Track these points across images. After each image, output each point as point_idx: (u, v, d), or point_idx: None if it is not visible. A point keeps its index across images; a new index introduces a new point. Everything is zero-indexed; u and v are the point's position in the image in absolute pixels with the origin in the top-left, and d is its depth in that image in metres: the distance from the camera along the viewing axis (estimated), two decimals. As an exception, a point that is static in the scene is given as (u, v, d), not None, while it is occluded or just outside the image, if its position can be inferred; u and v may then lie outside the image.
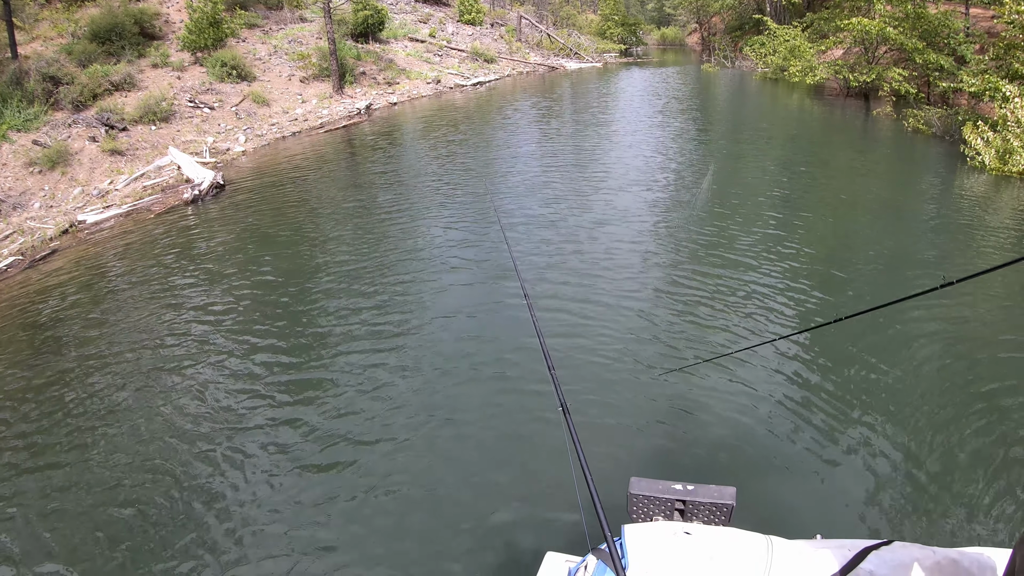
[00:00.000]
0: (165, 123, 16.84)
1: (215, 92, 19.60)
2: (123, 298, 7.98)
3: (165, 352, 6.61)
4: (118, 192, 12.93)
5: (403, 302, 7.50)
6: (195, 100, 18.63)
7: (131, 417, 5.58)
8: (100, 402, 5.83)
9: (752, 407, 5.57)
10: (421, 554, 4.12)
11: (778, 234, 9.35)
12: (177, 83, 19.26)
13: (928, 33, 19.77)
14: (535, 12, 47.14)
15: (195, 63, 20.91)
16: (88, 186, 13.06)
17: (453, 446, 5.11)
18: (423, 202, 11.25)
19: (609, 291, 7.67)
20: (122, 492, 4.71)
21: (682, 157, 14.82)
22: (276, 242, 9.54)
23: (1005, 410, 5.44)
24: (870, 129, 18.73)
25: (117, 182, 13.35)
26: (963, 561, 1.86)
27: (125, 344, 6.80)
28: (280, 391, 5.83)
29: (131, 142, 15.33)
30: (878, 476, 4.78)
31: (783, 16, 38.89)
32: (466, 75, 30.74)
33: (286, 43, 24.82)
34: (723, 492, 2.17)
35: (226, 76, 20.47)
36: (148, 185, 13.31)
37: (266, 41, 24.61)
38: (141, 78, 18.81)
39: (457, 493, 4.63)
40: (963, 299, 7.24)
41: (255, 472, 4.82)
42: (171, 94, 18.25)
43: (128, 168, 14.16)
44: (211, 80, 20.07)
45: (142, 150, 15.19)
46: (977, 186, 11.87)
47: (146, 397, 5.86)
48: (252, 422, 5.41)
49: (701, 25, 62.05)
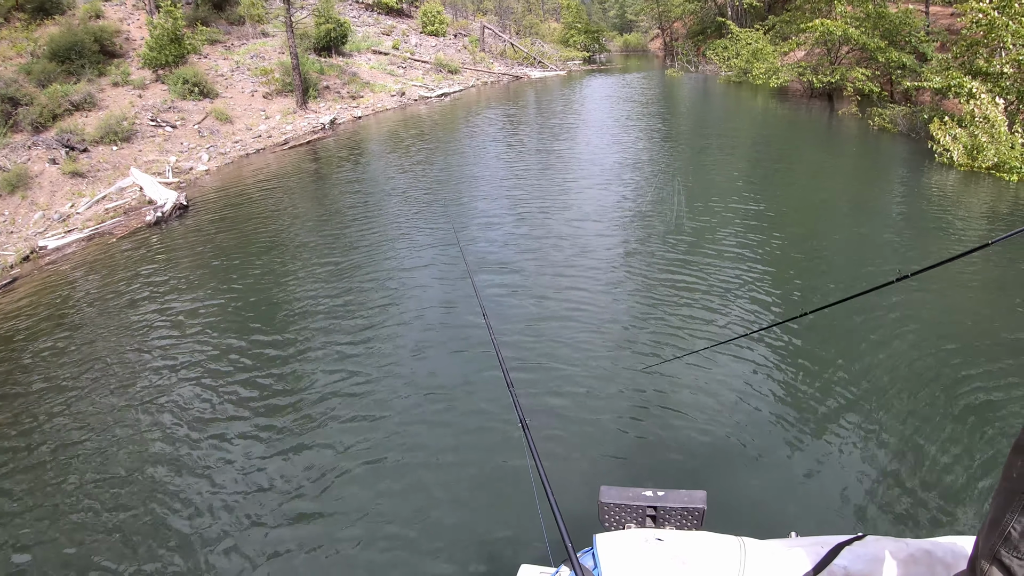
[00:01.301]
0: (127, 143, 16.77)
1: (177, 110, 19.54)
2: (88, 327, 8.00)
3: (133, 380, 6.67)
4: (80, 216, 12.88)
5: (366, 319, 7.62)
6: (157, 119, 18.56)
7: (99, 447, 5.62)
8: (67, 433, 5.87)
9: (719, 408, 5.64)
10: (397, 572, 4.19)
11: (743, 236, 9.61)
12: (138, 101, 19.18)
13: (889, 32, 20.25)
14: (498, 22, 47.44)
15: (156, 81, 20.84)
16: (49, 210, 12.99)
17: (424, 466, 5.13)
18: (387, 219, 11.39)
19: (570, 299, 7.82)
20: (95, 521, 4.75)
21: (648, 163, 15.11)
22: (241, 264, 9.60)
23: (972, 400, 5.59)
24: (835, 129, 19.25)
25: (79, 205, 13.30)
26: (936, 551, 1.89)
27: (92, 375, 6.84)
28: (249, 414, 5.92)
29: (92, 163, 15.25)
30: (849, 471, 4.85)
31: (745, 19, 39.61)
32: (430, 87, 30.87)
33: (248, 58, 24.80)
34: (693, 496, 2.17)
35: (188, 93, 20.41)
36: (110, 208, 13.27)
37: (228, 57, 24.57)
38: (102, 97, 18.72)
39: (430, 510, 4.65)
40: (927, 291, 7.52)
41: (224, 504, 4.87)
42: (132, 113, 18.18)
43: (90, 190, 14.10)
44: (173, 98, 20.01)
45: (103, 171, 15.12)
46: (947, 182, 12.22)
47: (116, 424, 5.91)
48: (222, 449, 5.48)
49: (663, 30, 62.80)
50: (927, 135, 14.48)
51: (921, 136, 15.52)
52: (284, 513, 4.69)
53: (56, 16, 22.09)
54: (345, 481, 4.99)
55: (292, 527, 4.56)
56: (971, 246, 8.64)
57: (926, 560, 1.86)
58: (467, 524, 4.51)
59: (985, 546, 1.50)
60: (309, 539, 4.45)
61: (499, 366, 2.67)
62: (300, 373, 6.55)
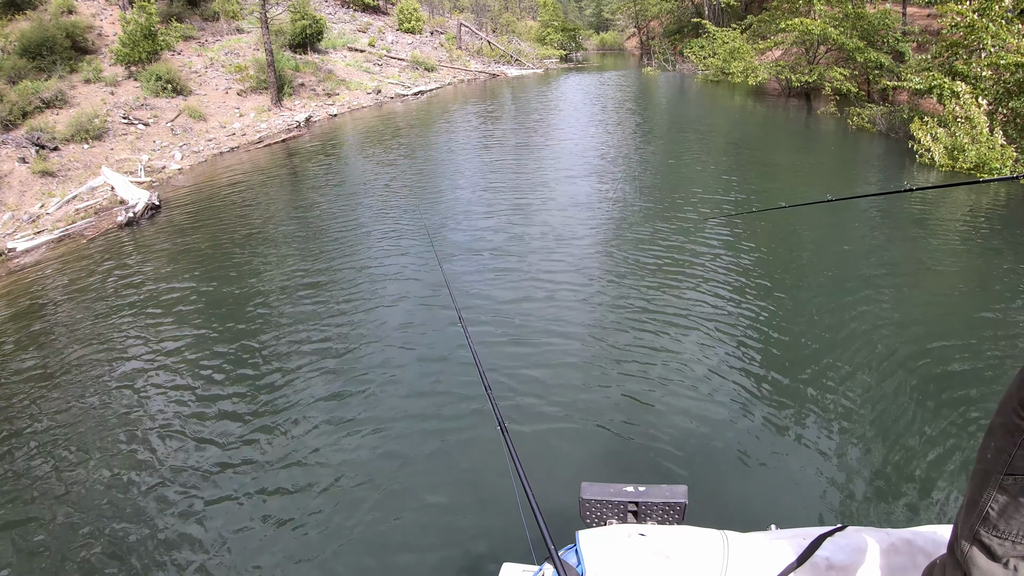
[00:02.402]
0: (98, 141, 16.65)
1: (150, 107, 19.41)
2: (58, 332, 8.00)
3: (104, 386, 6.68)
4: (50, 216, 12.79)
5: (342, 322, 7.67)
6: (129, 116, 18.43)
7: (68, 452, 5.63)
8: (39, 441, 5.86)
9: (699, 404, 5.72)
10: (377, 573, 4.24)
11: (720, 234, 9.81)
12: (110, 99, 19.03)
13: (867, 32, 20.55)
14: (475, 19, 47.43)
15: (129, 77, 20.66)
16: (18, 211, 12.89)
17: (402, 466, 5.15)
18: (362, 219, 11.45)
19: (547, 297, 7.91)
20: (70, 533, 4.76)
21: (623, 160, 15.28)
22: (214, 265, 9.62)
23: (949, 389, 5.73)
24: (814, 128, 19.52)
25: (49, 205, 13.20)
26: (916, 540, 1.91)
27: (62, 380, 6.84)
28: (223, 418, 5.94)
29: (63, 162, 15.13)
30: (830, 463, 4.93)
31: (722, 19, 40.00)
32: (407, 84, 30.85)
33: (223, 55, 24.64)
34: (675, 491, 2.18)
35: (161, 91, 20.26)
36: (81, 208, 13.19)
37: (202, 53, 24.41)
38: (73, 94, 18.55)
39: (409, 510, 4.70)
40: (904, 284, 7.83)
41: (197, 510, 4.89)
42: (104, 111, 18.04)
43: (60, 190, 14.00)
44: (145, 95, 19.86)
45: (74, 170, 15.01)
46: (929, 182, 12.42)
47: (86, 430, 5.92)
48: (196, 454, 5.49)
49: (640, 29, 63.09)
50: (906, 135, 14.72)
51: (900, 136, 15.82)
52: (260, 518, 4.72)
53: (28, 11, 21.81)
54: (321, 483, 5.02)
55: (269, 532, 4.59)
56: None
57: (907, 549, 1.89)
58: (449, 524, 4.57)
59: (964, 527, 1.54)
60: (287, 544, 4.47)
61: (476, 365, 2.71)
62: (274, 375, 6.58)
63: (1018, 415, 1.38)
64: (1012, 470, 1.40)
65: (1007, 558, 1.47)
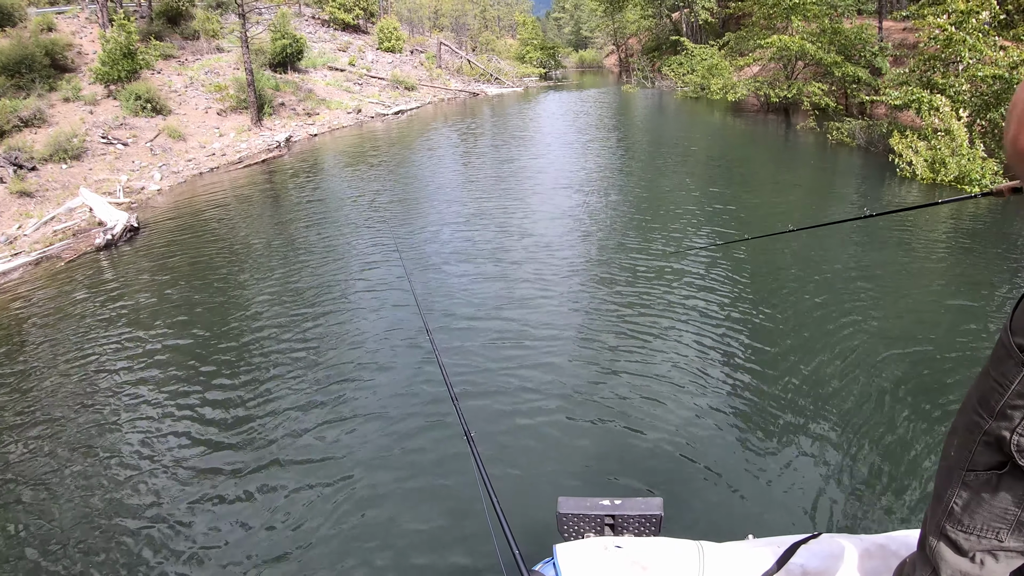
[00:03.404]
0: (77, 161, 16.64)
1: (129, 127, 19.42)
2: (35, 360, 7.97)
3: (78, 412, 6.67)
4: (27, 238, 12.78)
5: (317, 339, 7.76)
6: (108, 136, 18.44)
7: (44, 479, 5.64)
8: (17, 470, 5.86)
9: (674, 417, 5.79)
10: None
11: (694, 254, 9.94)
12: (89, 118, 19.04)
13: (845, 47, 20.94)
14: (455, 38, 47.80)
15: (108, 96, 20.69)
16: (-4, 231, 12.86)
17: (370, 485, 5.18)
18: (341, 240, 11.54)
19: (521, 316, 8.00)
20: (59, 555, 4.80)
21: (604, 179, 15.41)
22: (191, 290, 9.67)
23: (920, 398, 5.89)
24: (793, 143, 19.87)
25: (26, 227, 13.19)
26: (890, 545, 1.97)
27: (37, 407, 6.82)
28: (199, 445, 5.96)
29: (41, 182, 15.12)
30: (803, 473, 5.01)
31: (700, 36, 40.65)
32: (387, 104, 31.04)
33: (203, 74, 24.71)
34: (650, 503, 2.21)
35: (140, 110, 20.29)
36: (59, 229, 13.18)
37: (182, 72, 24.46)
38: (52, 113, 18.54)
39: (390, 524, 4.71)
40: (874, 294, 8.05)
41: (168, 531, 4.93)
42: (83, 130, 18.04)
43: (38, 211, 13.99)
44: (125, 114, 19.88)
45: (52, 191, 15.00)
46: (910, 195, 12.69)
47: (68, 460, 5.90)
48: (172, 481, 5.52)
49: (618, 47, 63.83)
50: (886, 148, 14.92)
51: (879, 149, 16.07)
52: (230, 535, 4.77)
53: (7, 28, 21.81)
54: (288, 500, 5.07)
55: (237, 552, 4.64)
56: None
57: (880, 554, 1.95)
58: (422, 541, 4.58)
59: (932, 523, 1.60)
60: (254, 564, 4.52)
61: (444, 381, 2.74)
62: (249, 401, 6.61)
63: (977, 413, 1.45)
64: (973, 466, 1.47)
65: (973, 552, 1.53)
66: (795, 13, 22.27)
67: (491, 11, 62.33)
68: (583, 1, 74.54)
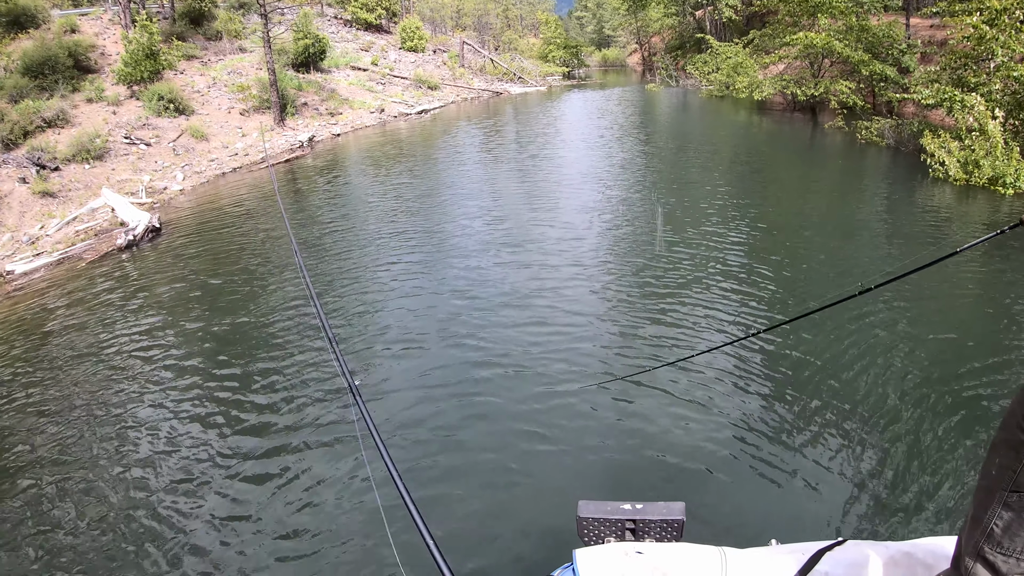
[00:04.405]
0: (99, 161, 16.52)
1: (152, 127, 19.31)
2: (56, 362, 7.77)
3: (106, 414, 6.48)
4: (49, 238, 12.63)
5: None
6: (131, 136, 18.33)
7: (67, 478, 5.45)
8: (38, 473, 5.66)
9: (695, 420, 5.66)
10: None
11: (724, 251, 9.67)
12: (112, 118, 18.95)
13: (872, 44, 20.42)
14: (477, 37, 47.58)
15: (131, 97, 20.63)
16: (18, 232, 12.74)
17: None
18: (365, 242, 11.26)
19: (542, 318, 7.85)
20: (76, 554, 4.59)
21: (630, 180, 15.12)
22: (213, 290, 9.44)
23: (946, 403, 5.67)
24: (821, 142, 19.41)
25: (48, 227, 13.05)
26: (916, 553, 1.89)
27: (57, 408, 6.65)
28: (215, 448, 5.77)
29: (63, 183, 15.00)
30: (827, 477, 4.88)
31: (724, 34, 40.05)
32: (410, 103, 30.82)
33: (225, 74, 24.63)
34: (672, 508, 2.15)
35: (163, 110, 20.19)
36: (81, 230, 13.02)
37: (205, 73, 24.39)
38: (75, 114, 18.48)
39: (408, 533, 4.56)
40: (900, 300, 7.72)
41: (204, 543, 4.72)
42: (106, 130, 17.95)
43: (60, 211, 13.85)
44: (147, 115, 19.79)
45: (75, 191, 14.88)
46: (942, 197, 12.20)
47: (89, 465, 5.72)
48: (192, 491, 5.31)
49: (641, 45, 63.26)
50: (916, 148, 14.49)
51: (910, 149, 15.64)
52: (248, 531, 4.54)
53: (31, 30, 21.83)
54: (311, 506, 4.91)
55: (254, 545, 4.43)
56: (972, 259, 8.87)
57: (906, 562, 1.86)
58: (446, 543, 4.44)
59: (968, 544, 1.52)
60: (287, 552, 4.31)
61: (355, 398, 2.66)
62: (269, 404, 6.42)
63: (1021, 430, 1.37)
64: (1017, 487, 1.39)
65: (1012, 575, 1.45)
66: (821, 11, 21.76)
67: (513, 10, 62.04)
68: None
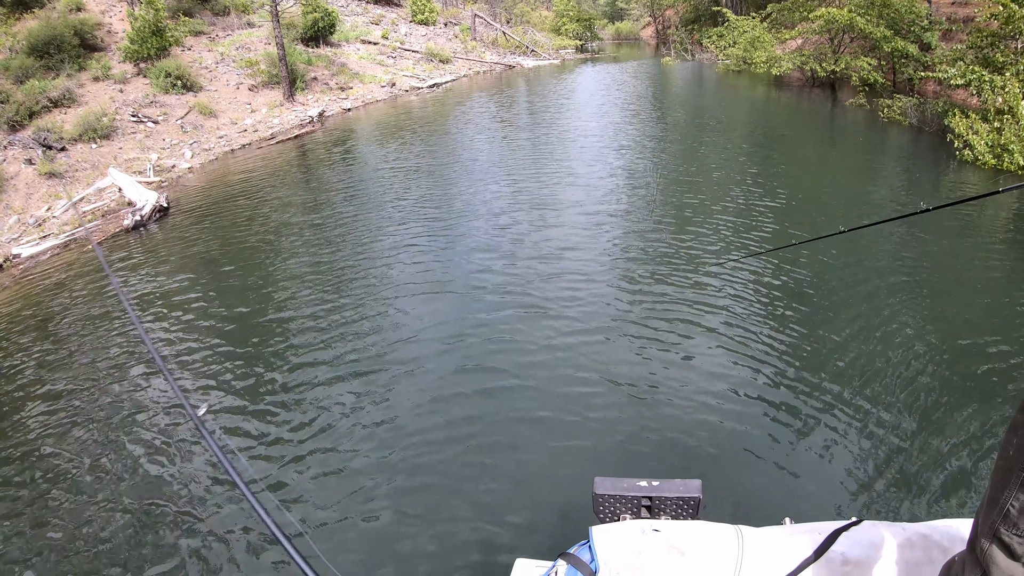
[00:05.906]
0: (106, 140, 16.21)
1: (159, 105, 18.97)
2: (63, 343, 7.56)
3: (117, 401, 6.29)
4: (56, 219, 12.36)
5: (349, 325, 7.36)
6: (138, 114, 17.99)
7: (77, 466, 5.30)
8: (50, 458, 5.49)
9: (712, 397, 5.64)
10: (397, 564, 4.14)
11: (734, 238, 9.35)
12: (119, 96, 18.59)
13: (894, 20, 19.74)
14: (489, 10, 46.73)
15: (138, 74, 20.24)
16: (24, 214, 12.47)
17: (419, 461, 5.08)
18: (378, 220, 10.96)
19: (562, 296, 7.76)
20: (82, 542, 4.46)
21: (643, 154, 14.74)
22: (221, 270, 9.19)
23: (965, 383, 5.61)
24: (842, 120, 18.87)
25: (55, 208, 12.78)
26: (933, 535, 1.88)
27: (63, 393, 6.48)
28: (234, 434, 5.59)
29: (70, 163, 14.72)
30: (844, 456, 4.85)
31: (741, 7, 39.07)
32: (421, 77, 30.29)
33: (233, 50, 24.18)
34: (688, 486, 2.16)
35: (171, 87, 19.82)
36: (88, 210, 12.76)
37: (212, 48, 23.95)
38: (81, 93, 18.13)
39: (425, 509, 4.60)
40: (921, 276, 7.69)
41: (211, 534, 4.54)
42: (113, 109, 17.60)
43: (67, 192, 13.57)
44: (155, 92, 19.42)
45: (82, 171, 14.59)
46: (969, 181, 11.62)
47: (93, 447, 5.56)
48: (197, 482, 5.09)
49: (655, 18, 62.23)
50: (940, 128, 13.95)
51: (933, 129, 15.05)
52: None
53: (35, 9, 21.46)
54: (341, 488, 4.89)
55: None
56: (996, 241, 8.45)
57: (923, 544, 1.87)
58: (463, 519, 4.49)
59: (984, 524, 1.49)
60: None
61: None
62: (279, 380, 6.27)
63: None
64: None
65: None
66: (841, -16, 21.06)
67: (525, -18, 61.12)
68: (618, -30, 72.98)
